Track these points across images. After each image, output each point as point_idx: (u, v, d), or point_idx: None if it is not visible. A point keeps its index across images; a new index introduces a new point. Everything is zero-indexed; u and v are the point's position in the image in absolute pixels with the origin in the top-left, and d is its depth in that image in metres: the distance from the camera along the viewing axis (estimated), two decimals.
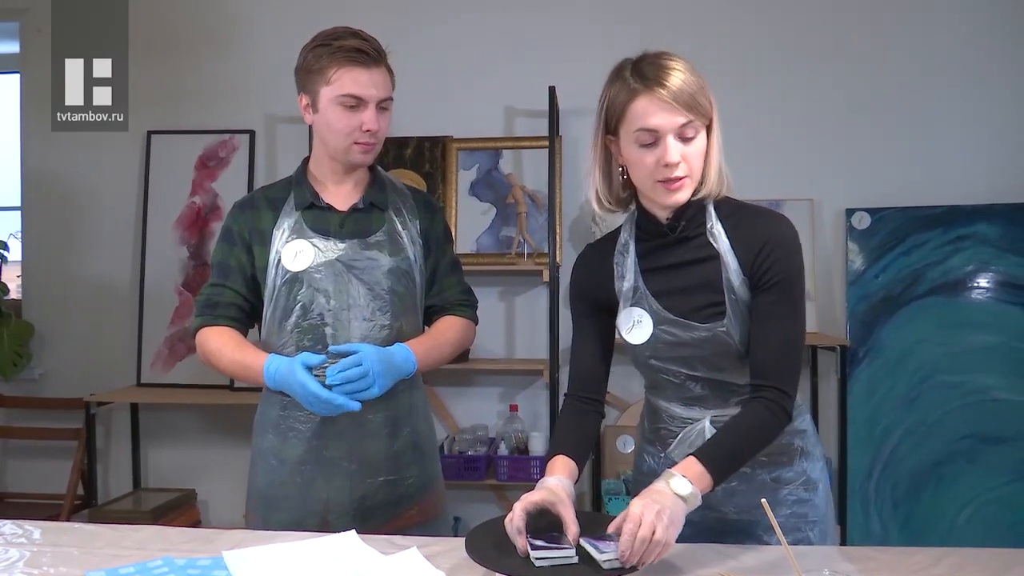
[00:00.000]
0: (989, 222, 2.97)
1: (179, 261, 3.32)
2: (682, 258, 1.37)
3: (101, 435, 3.36)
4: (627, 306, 1.40)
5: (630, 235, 1.43)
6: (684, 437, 1.40)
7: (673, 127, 1.28)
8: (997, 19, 3.08)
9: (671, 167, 1.29)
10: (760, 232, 1.34)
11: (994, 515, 2.89)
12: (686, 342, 1.35)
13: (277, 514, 1.60)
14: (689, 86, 1.28)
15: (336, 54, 1.53)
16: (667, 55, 1.33)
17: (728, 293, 1.33)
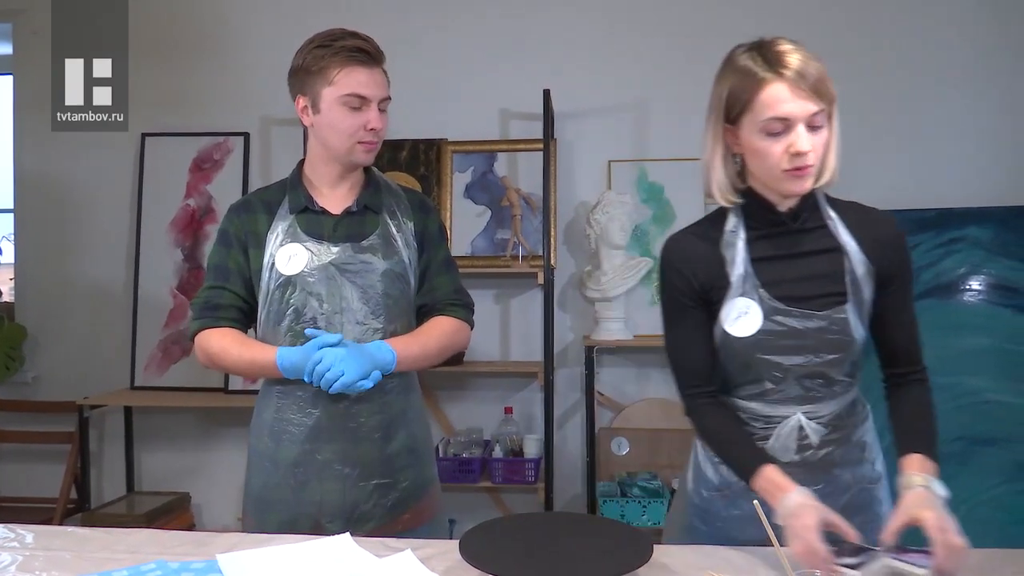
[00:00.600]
0: (980, 225, 2.99)
1: (173, 264, 3.32)
2: (799, 248, 1.36)
3: (94, 438, 3.35)
4: (734, 296, 1.35)
5: (739, 222, 1.38)
6: (779, 434, 1.37)
7: (805, 115, 1.25)
8: (989, 23, 3.09)
9: (802, 155, 1.26)
10: (886, 229, 1.37)
11: (987, 516, 2.90)
12: (798, 331, 1.33)
13: (271, 516, 1.60)
14: (817, 71, 1.25)
15: (339, 54, 1.54)
16: (788, 40, 1.30)
17: (851, 283, 1.33)
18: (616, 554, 1.24)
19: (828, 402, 1.38)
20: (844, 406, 1.39)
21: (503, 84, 3.24)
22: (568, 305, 3.26)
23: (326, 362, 1.45)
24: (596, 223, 2.99)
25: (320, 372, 1.46)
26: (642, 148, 3.23)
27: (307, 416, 1.58)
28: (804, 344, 1.33)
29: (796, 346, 1.33)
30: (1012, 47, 3.08)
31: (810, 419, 1.37)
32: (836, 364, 1.35)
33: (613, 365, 3.24)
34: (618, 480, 2.99)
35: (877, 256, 1.34)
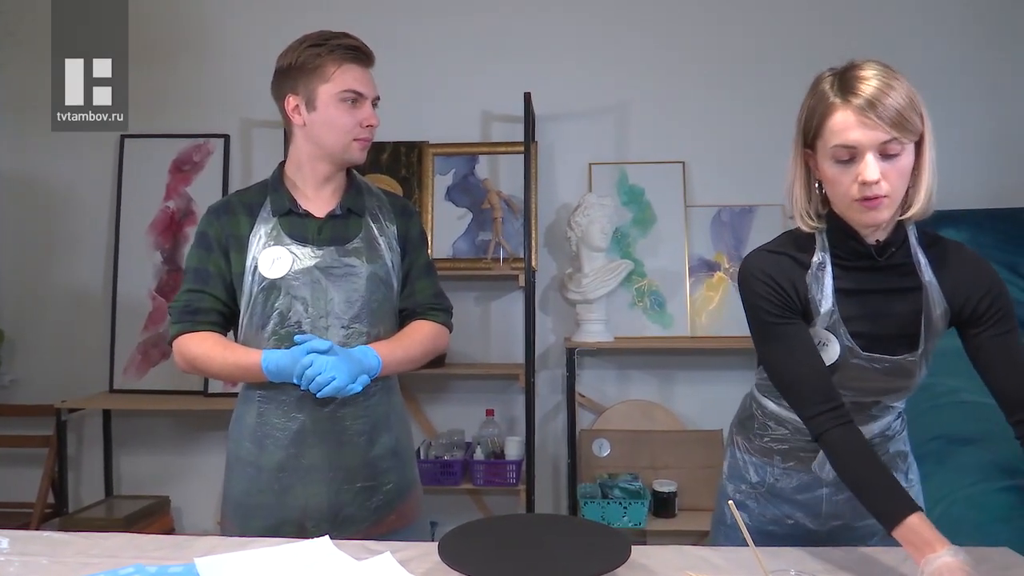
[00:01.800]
0: (956, 227, 3.02)
1: (153, 266, 3.29)
2: (884, 285, 1.31)
3: (73, 442, 3.32)
4: (820, 327, 1.32)
5: (825, 254, 1.32)
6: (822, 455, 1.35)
7: (873, 144, 1.19)
8: (970, 26, 3.14)
9: (869, 184, 1.19)
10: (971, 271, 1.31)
11: (962, 515, 2.93)
12: (869, 373, 1.31)
13: (254, 522, 1.59)
14: (895, 100, 1.19)
15: (336, 52, 1.56)
16: (875, 65, 1.24)
17: (926, 325, 1.29)
18: (594, 555, 1.24)
19: (870, 424, 1.40)
20: (884, 425, 1.42)
21: (484, 87, 3.25)
22: (549, 307, 3.27)
23: (317, 366, 1.45)
24: (577, 225, 3.01)
25: (311, 376, 1.45)
26: (623, 151, 3.24)
27: (291, 420, 1.57)
28: (869, 383, 1.34)
29: (861, 386, 1.34)
30: (991, 52, 3.13)
31: None
32: (893, 396, 1.38)
33: (594, 367, 3.25)
34: (599, 481, 3.00)
35: (958, 297, 1.29)
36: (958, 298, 1.29)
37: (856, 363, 1.31)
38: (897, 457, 1.46)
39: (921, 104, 1.22)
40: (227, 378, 1.64)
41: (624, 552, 1.24)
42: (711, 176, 3.19)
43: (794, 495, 1.45)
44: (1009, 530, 2.89)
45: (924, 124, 1.23)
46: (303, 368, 1.46)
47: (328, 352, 1.47)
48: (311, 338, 1.49)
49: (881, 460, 1.29)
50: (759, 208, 3.13)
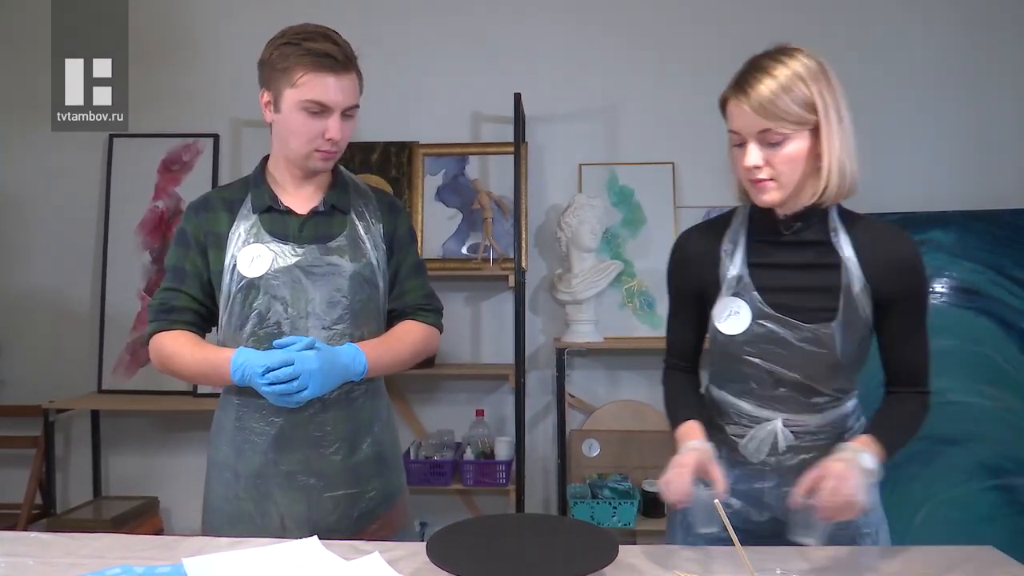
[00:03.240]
0: (943, 229, 3.05)
1: (141, 266, 3.28)
2: (799, 260, 1.37)
3: (61, 442, 3.31)
4: (727, 295, 1.39)
5: (742, 226, 1.43)
6: (755, 435, 1.41)
7: (751, 132, 1.30)
8: (952, 28, 3.16)
9: (750, 170, 1.31)
10: (895, 251, 1.35)
11: (948, 515, 2.96)
12: (784, 340, 1.35)
13: (234, 530, 1.53)
14: (775, 92, 1.27)
15: (304, 57, 1.46)
16: (777, 60, 1.31)
17: (845, 300, 1.33)
18: (582, 554, 1.25)
19: (813, 414, 1.40)
20: (832, 420, 1.41)
21: (474, 87, 3.25)
22: (539, 308, 3.28)
23: (296, 369, 1.39)
24: (567, 226, 3.01)
25: (281, 377, 1.38)
26: (612, 151, 3.25)
27: (269, 424, 1.52)
28: (788, 353, 1.36)
29: (780, 354, 1.36)
30: (976, 53, 3.15)
31: (790, 427, 1.40)
32: (819, 378, 1.37)
33: (584, 367, 3.26)
34: (589, 482, 3.01)
35: (878, 276, 1.33)
36: (878, 276, 1.34)
37: (769, 328, 1.36)
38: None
39: (819, 98, 1.29)
40: (198, 378, 1.56)
41: (611, 551, 1.24)
42: (700, 177, 3.20)
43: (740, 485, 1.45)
44: (994, 529, 2.91)
45: (819, 112, 1.29)
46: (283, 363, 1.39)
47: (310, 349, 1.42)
48: (293, 340, 1.44)
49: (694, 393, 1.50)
50: None
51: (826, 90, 1.30)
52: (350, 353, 1.49)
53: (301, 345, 1.43)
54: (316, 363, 1.41)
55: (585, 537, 1.33)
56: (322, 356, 1.42)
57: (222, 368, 1.46)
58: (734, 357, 1.40)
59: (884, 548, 1.39)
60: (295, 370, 1.39)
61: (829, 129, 1.30)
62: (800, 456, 1.40)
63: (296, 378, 1.39)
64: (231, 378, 1.45)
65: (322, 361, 1.42)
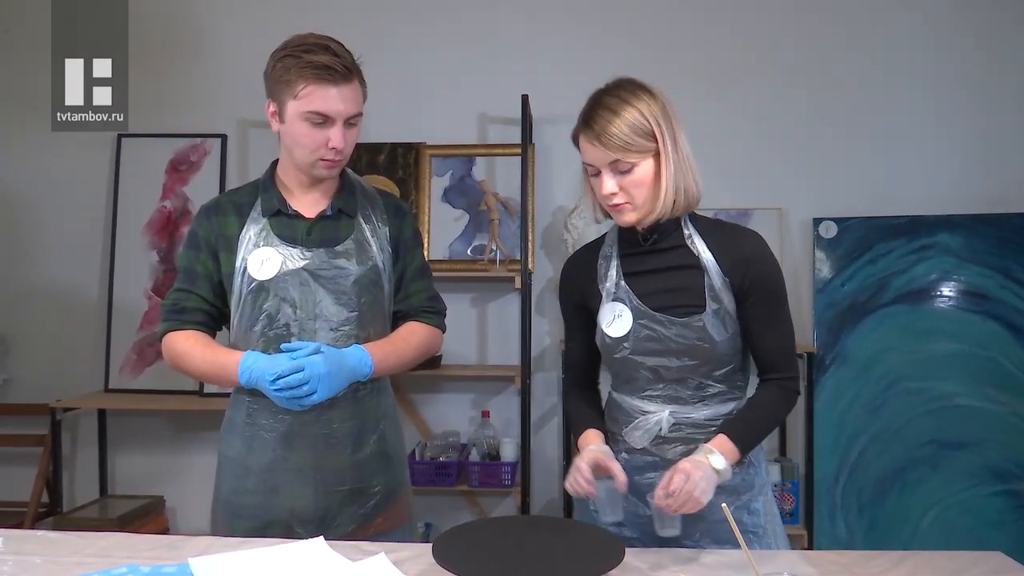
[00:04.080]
0: (951, 232, 3.04)
1: (149, 266, 3.29)
2: (662, 264, 1.48)
3: (67, 441, 3.32)
4: (608, 301, 1.50)
5: (613, 243, 1.54)
6: (640, 424, 1.49)
7: (603, 163, 1.41)
8: (959, 32, 3.15)
9: (606, 196, 1.42)
10: (743, 247, 1.46)
11: (955, 519, 2.95)
12: (663, 336, 1.45)
13: (242, 522, 1.58)
14: (617, 127, 1.39)
15: (305, 69, 1.48)
16: (615, 91, 1.46)
17: (709, 296, 1.43)
18: (587, 557, 1.25)
19: (700, 407, 1.47)
20: (723, 414, 1.47)
21: (481, 88, 3.25)
22: (545, 309, 3.27)
23: (306, 375, 1.43)
24: (573, 228, 3.01)
25: (292, 383, 1.43)
26: None
27: (279, 421, 1.56)
28: (668, 348, 1.45)
29: (661, 349, 1.45)
30: (985, 56, 3.14)
31: (677, 419, 1.46)
32: (701, 369, 1.45)
33: None
34: None
35: (732, 271, 1.44)
36: (735, 272, 1.44)
37: (649, 326, 1.46)
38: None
39: (655, 125, 1.41)
40: (206, 377, 1.61)
41: (618, 554, 1.24)
42: (706, 180, 3.11)
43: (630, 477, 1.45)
44: (1002, 534, 2.91)
45: (659, 140, 1.41)
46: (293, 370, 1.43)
47: (317, 353, 1.46)
48: (300, 345, 1.47)
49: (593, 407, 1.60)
50: (754, 212, 3.14)
51: (662, 119, 1.42)
52: (356, 355, 1.53)
53: (309, 350, 1.47)
54: (324, 367, 1.45)
55: (591, 539, 1.33)
56: (330, 360, 1.47)
57: (230, 370, 1.51)
58: (622, 359, 1.49)
59: (892, 553, 1.38)
60: (305, 376, 1.44)
61: (667, 155, 1.42)
62: (687, 446, 1.45)
63: (306, 383, 1.44)
64: (238, 380, 1.50)
65: (330, 365, 1.46)
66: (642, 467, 1.49)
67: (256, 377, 1.47)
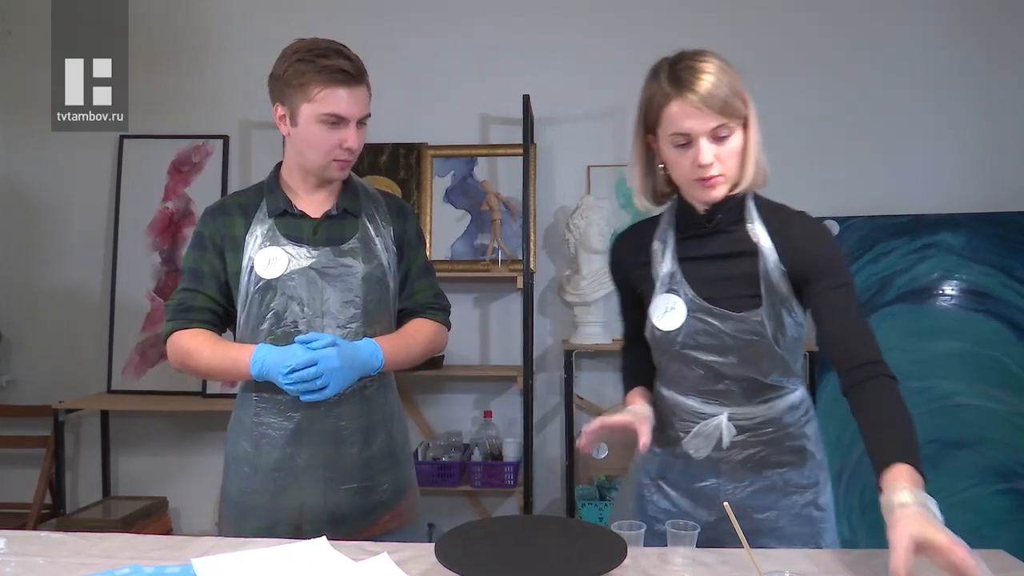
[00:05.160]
0: (953, 231, 3.04)
1: (151, 267, 3.30)
2: (720, 250, 1.41)
3: (70, 443, 3.32)
4: (662, 292, 1.43)
5: (670, 224, 1.47)
6: (700, 431, 1.42)
7: (705, 130, 1.32)
8: (962, 32, 3.15)
9: (705, 167, 1.33)
10: (801, 230, 1.38)
11: (958, 519, 2.90)
12: (719, 330, 1.38)
13: (250, 522, 1.59)
14: (720, 89, 1.31)
15: (321, 73, 1.51)
16: (702, 56, 1.35)
17: (765, 286, 1.36)
18: (590, 556, 1.25)
19: (758, 407, 1.40)
20: (778, 412, 1.41)
21: (483, 89, 3.26)
22: (547, 309, 3.28)
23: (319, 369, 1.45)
24: (575, 228, 3.01)
25: (305, 377, 1.45)
26: (621, 153, 3.25)
27: (287, 420, 1.57)
28: (724, 344, 1.38)
29: (717, 345, 1.39)
30: (987, 55, 3.14)
31: (735, 421, 1.41)
32: (758, 367, 1.38)
33: (592, 369, 3.25)
34: (597, 484, 3.01)
35: (790, 257, 1.36)
36: (795, 260, 1.36)
37: (702, 319, 1.38)
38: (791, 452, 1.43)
39: (744, 90, 1.35)
40: (216, 373, 1.62)
41: (620, 554, 1.24)
42: None
43: (689, 484, 1.47)
44: (1004, 533, 2.90)
45: (748, 108, 1.35)
46: (307, 363, 1.45)
47: (331, 346, 1.47)
48: (316, 337, 1.49)
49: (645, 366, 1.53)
50: None
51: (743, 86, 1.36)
52: (369, 349, 1.55)
53: (323, 343, 1.48)
54: (337, 361, 1.47)
55: (594, 539, 1.33)
56: (343, 353, 1.49)
57: (242, 362, 1.52)
58: (675, 354, 1.43)
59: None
60: (318, 369, 1.45)
61: (753, 120, 1.37)
62: (747, 451, 1.42)
63: (319, 377, 1.46)
64: (250, 372, 1.51)
65: (343, 359, 1.48)
66: (700, 472, 1.45)
67: (268, 368, 1.48)
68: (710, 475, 1.44)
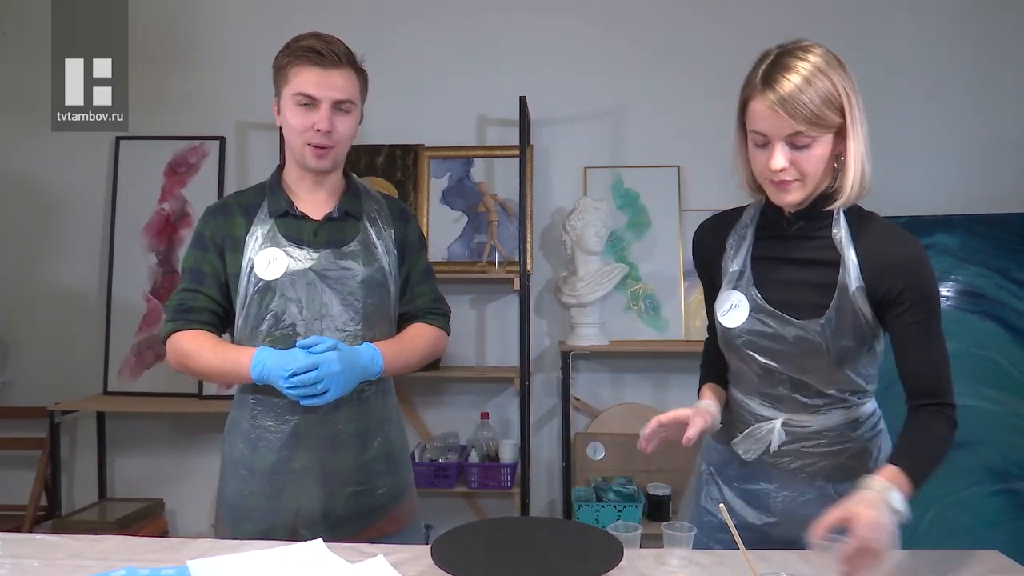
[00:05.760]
0: (949, 233, 3.04)
1: (147, 268, 3.29)
2: (798, 255, 1.36)
3: (66, 444, 3.31)
4: (728, 288, 1.41)
5: (752, 220, 1.44)
6: (752, 433, 1.42)
7: (780, 135, 1.26)
8: (958, 33, 3.15)
9: (772, 172, 1.28)
10: (893, 252, 1.30)
11: (955, 519, 2.95)
12: (778, 335, 1.35)
13: (246, 524, 1.58)
14: (806, 94, 1.24)
15: (294, 53, 1.54)
16: (803, 53, 1.29)
17: (840, 298, 1.30)
18: (587, 557, 1.25)
19: (813, 415, 1.38)
20: (837, 423, 1.39)
21: (480, 90, 3.26)
22: (544, 311, 3.28)
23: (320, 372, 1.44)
24: (572, 229, 3.01)
25: (306, 381, 1.44)
26: (618, 155, 3.25)
27: (284, 423, 1.56)
28: (782, 349, 1.35)
29: (773, 348, 1.36)
30: (984, 57, 3.14)
31: (789, 427, 1.39)
32: (814, 375, 1.35)
33: (589, 370, 3.25)
34: (593, 485, 3.01)
35: (876, 276, 1.30)
36: (877, 277, 1.30)
37: (763, 321, 1.36)
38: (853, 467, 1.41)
39: (845, 98, 1.27)
40: (215, 376, 1.60)
41: (617, 555, 1.24)
42: (706, 180, 3.19)
43: (742, 484, 1.47)
44: (1000, 533, 2.90)
45: (847, 116, 1.27)
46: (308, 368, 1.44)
47: (332, 349, 1.47)
48: (318, 340, 1.48)
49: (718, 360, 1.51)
50: None
51: (849, 89, 1.28)
52: (369, 353, 1.55)
53: (324, 346, 1.47)
54: (339, 366, 1.46)
55: (590, 540, 1.33)
56: (344, 358, 1.48)
57: (242, 365, 1.51)
58: (735, 351, 1.41)
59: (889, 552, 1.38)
60: (319, 374, 1.44)
61: (855, 130, 1.28)
62: (800, 461, 1.40)
63: (319, 381, 1.45)
64: (250, 375, 1.50)
65: (344, 363, 1.48)
66: (753, 474, 1.45)
67: (269, 372, 1.47)
68: (762, 479, 1.44)
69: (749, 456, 1.42)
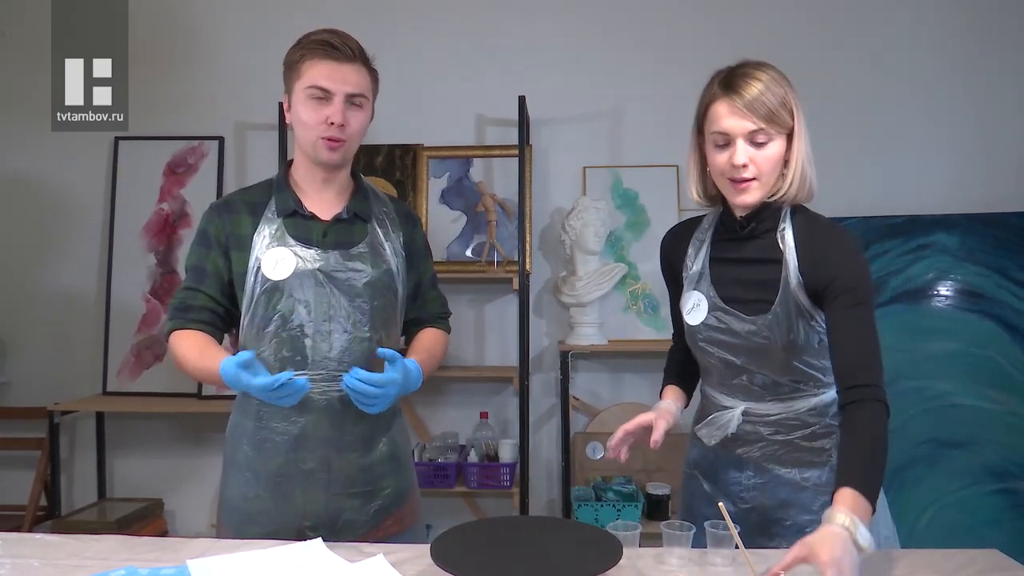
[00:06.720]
0: (948, 232, 3.05)
1: (146, 268, 3.29)
2: (749, 254, 1.46)
3: (65, 444, 3.31)
4: (690, 288, 1.52)
5: (710, 224, 1.54)
6: (713, 420, 1.51)
7: (743, 132, 1.37)
8: (957, 32, 3.16)
9: (738, 168, 1.38)
10: (828, 244, 1.39)
11: (953, 518, 2.95)
12: (732, 330, 1.45)
13: (252, 527, 1.56)
14: (766, 96, 1.37)
15: (308, 47, 1.55)
16: (758, 67, 1.41)
17: (784, 293, 1.40)
18: (586, 556, 1.25)
19: (772, 403, 1.46)
20: (799, 411, 1.46)
21: (479, 90, 3.26)
22: (543, 310, 3.28)
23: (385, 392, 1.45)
24: (571, 229, 3.02)
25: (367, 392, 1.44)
26: (617, 154, 3.26)
27: (292, 425, 1.55)
28: (737, 343, 1.45)
29: (732, 344, 1.46)
30: (981, 56, 3.14)
31: (750, 415, 1.47)
32: (768, 366, 1.44)
33: (588, 370, 3.26)
34: (593, 484, 3.01)
35: (810, 268, 1.38)
36: (811, 269, 1.39)
37: (719, 318, 1.46)
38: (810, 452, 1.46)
39: (795, 105, 1.40)
40: (200, 380, 1.62)
41: (616, 554, 1.25)
42: None
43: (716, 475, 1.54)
44: (999, 532, 2.91)
45: (795, 121, 1.40)
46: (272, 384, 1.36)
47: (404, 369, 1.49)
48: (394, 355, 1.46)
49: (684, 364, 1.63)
50: None
51: (796, 100, 1.41)
52: (416, 374, 1.56)
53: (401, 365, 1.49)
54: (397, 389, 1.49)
55: (589, 539, 1.33)
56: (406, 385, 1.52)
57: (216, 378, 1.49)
58: (699, 348, 1.51)
59: (888, 551, 1.39)
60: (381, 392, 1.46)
61: (800, 134, 1.41)
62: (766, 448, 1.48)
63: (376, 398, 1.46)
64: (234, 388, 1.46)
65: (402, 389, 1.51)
66: (725, 466, 1.53)
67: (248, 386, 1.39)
68: (733, 469, 1.51)
69: (710, 441, 1.52)
